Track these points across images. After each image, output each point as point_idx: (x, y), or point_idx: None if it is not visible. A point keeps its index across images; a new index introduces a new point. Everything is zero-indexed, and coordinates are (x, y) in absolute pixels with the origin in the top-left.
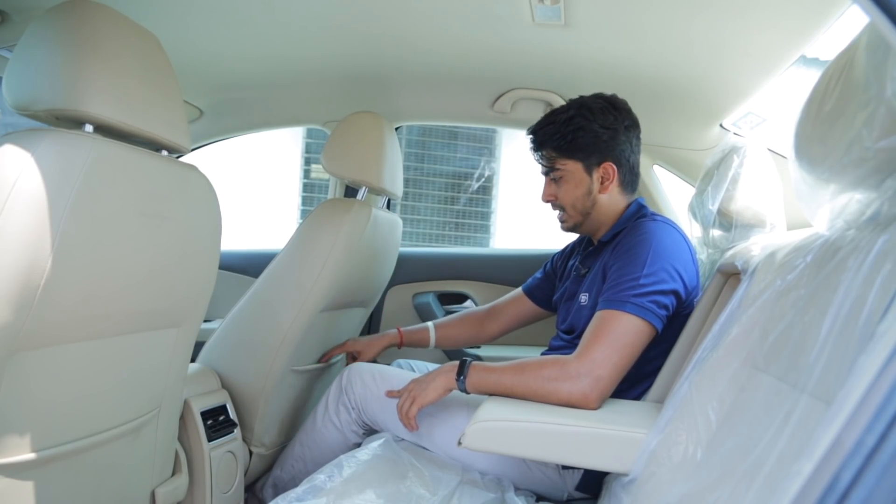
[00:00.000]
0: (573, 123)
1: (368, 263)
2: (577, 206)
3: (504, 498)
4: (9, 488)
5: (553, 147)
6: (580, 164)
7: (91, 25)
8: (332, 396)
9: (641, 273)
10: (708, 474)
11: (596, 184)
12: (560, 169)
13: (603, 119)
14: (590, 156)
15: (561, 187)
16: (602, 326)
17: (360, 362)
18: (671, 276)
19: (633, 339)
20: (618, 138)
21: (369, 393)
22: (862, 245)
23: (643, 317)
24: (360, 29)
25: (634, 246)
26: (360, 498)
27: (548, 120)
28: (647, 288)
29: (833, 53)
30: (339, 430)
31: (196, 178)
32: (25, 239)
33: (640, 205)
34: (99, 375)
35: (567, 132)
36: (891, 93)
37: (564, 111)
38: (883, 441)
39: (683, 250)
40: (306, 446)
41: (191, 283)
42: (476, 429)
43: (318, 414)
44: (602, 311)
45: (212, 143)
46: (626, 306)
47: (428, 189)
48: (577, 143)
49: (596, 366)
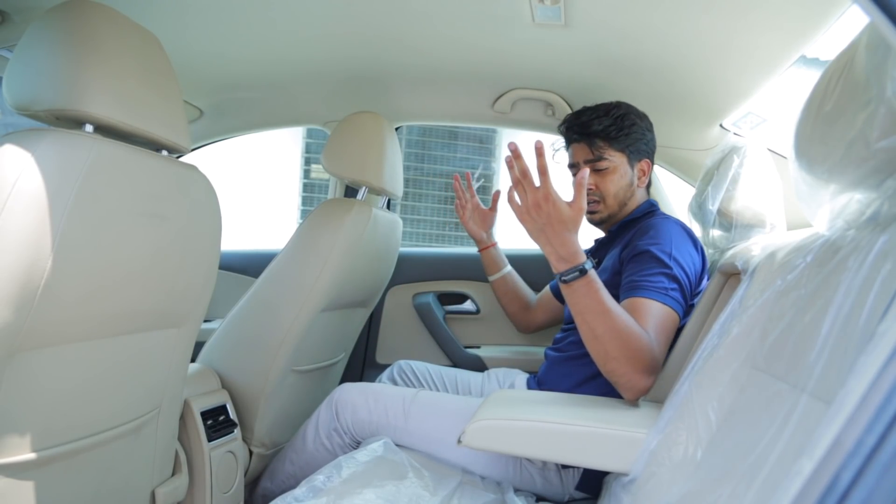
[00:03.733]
0: (628, 119)
1: (368, 263)
2: (618, 197)
3: (504, 499)
4: (9, 488)
5: (606, 137)
6: (626, 157)
7: (91, 25)
8: (323, 421)
9: (671, 265)
10: (708, 474)
11: (635, 178)
12: (608, 159)
13: (647, 122)
14: (636, 151)
15: (605, 178)
16: (651, 312)
17: (348, 382)
18: (691, 270)
19: (672, 327)
20: (653, 141)
21: (360, 416)
22: (862, 245)
23: (677, 310)
24: (360, 29)
25: (655, 239)
26: (359, 498)
27: (597, 113)
28: (677, 281)
29: (833, 53)
30: (332, 452)
31: (196, 178)
32: (25, 239)
33: (652, 203)
34: (99, 375)
35: (623, 125)
36: (891, 93)
37: (615, 107)
38: (883, 441)
39: (695, 245)
40: (297, 465)
41: (191, 283)
42: (476, 427)
43: (307, 435)
44: (639, 298)
45: (212, 143)
46: (666, 298)
47: (428, 189)
48: (630, 137)
49: (662, 355)
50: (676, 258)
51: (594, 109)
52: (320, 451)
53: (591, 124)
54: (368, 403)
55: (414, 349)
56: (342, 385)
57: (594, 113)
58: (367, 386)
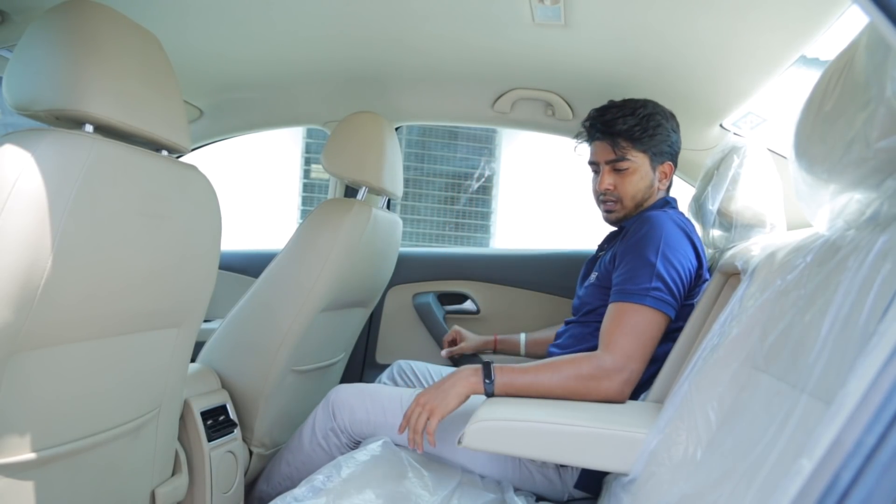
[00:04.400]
0: (654, 119)
1: (368, 263)
2: (636, 198)
3: (504, 498)
4: (9, 488)
5: (629, 137)
6: (648, 158)
7: (91, 25)
8: (320, 422)
9: (655, 262)
10: (708, 474)
11: (656, 180)
12: (630, 160)
13: (672, 122)
14: (659, 153)
15: (625, 178)
16: (624, 319)
17: (344, 384)
18: (683, 267)
19: (654, 330)
20: (679, 143)
21: (358, 417)
22: (862, 245)
23: (661, 309)
24: (360, 30)
25: (645, 236)
26: (359, 498)
27: (623, 111)
28: (661, 279)
29: (833, 53)
30: (329, 453)
31: (196, 178)
32: (25, 239)
33: (667, 200)
34: (99, 375)
35: (649, 126)
36: (891, 93)
37: (642, 106)
38: (883, 441)
39: (691, 242)
40: (294, 467)
41: (191, 283)
42: (476, 428)
43: (304, 436)
44: (621, 303)
45: (212, 143)
46: (646, 300)
47: (428, 189)
48: (654, 139)
49: (629, 360)
50: (666, 254)
51: (620, 107)
52: (317, 452)
53: (616, 123)
54: (365, 404)
55: (414, 349)
56: (338, 386)
57: (620, 111)
58: (363, 386)
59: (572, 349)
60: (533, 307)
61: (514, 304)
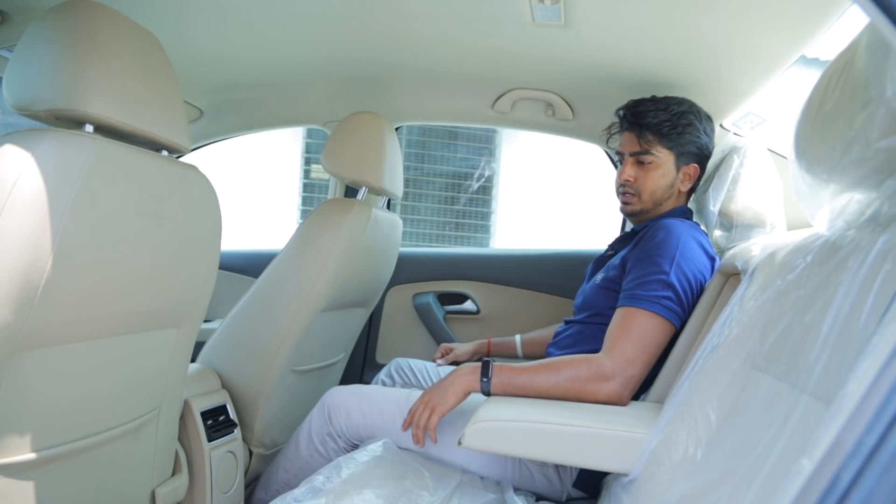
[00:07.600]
0: (686, 118)
1: (368, 263)
2: (655, 195)
3: (503, 498)
4: (9, 488)
5: (657, 132)
6: (673, 157)
7: (91, 25)
8: (316, 427)
9: (669, 271)
10: (708, 474)
11: (678, 180)
12: (655, 155)
13: (707, 124)
14: (686, 153)
15: (647, 173)
16: (630, 324)
17: (338, 386)
18: (695, 279)
19: (659, 338)
20: (710, 146)
21: (354, 420)
22: (862, 245)
23: (667, 317)
24: (360, 30)
25: (661, 244)
26: (359, 498)
27: (657, 105)
28: (673, 289)
29: (833, 53)
30: (326, 458)
31: (196, 179)
32: (25, 239)
33: (684, 210)
34: (99, 375)
35: (679, 124)
36: (891, 93)
37: (677, 103)
38: (883, 441)
39: (704, 253)
40: (291, 473)
41: (191, 283)
42: (476, 429)
43: (300, 442)
44: (630, 308)
45: (212, 143)
46: (656, 307)
47: (428, 189)
48: (682, 138)
49: (629, 365)
50: (680, 263)
51: (655, 101)
52: (314, 458)
53: (646, 116)
54: (362, 406)
55: (414, 349)
56: (332, 389)
57: (653, 104)
58: (357, 388)
59: (571, 349)
60: (533, 307)
61: (515, 305)
